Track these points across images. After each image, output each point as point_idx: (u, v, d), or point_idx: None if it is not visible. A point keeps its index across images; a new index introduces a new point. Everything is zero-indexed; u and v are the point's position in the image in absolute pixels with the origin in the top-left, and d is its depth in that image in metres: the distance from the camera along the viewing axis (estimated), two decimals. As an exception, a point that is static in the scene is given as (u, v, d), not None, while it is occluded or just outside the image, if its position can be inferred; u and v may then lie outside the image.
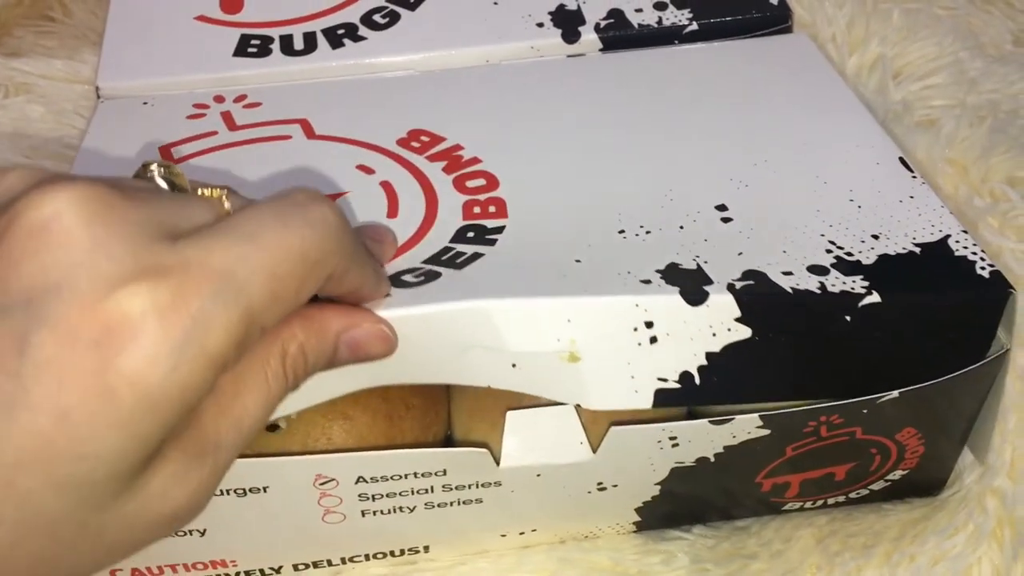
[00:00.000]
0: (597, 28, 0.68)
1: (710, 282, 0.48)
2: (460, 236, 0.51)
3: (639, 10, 0.69)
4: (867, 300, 0.48)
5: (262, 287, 0.34)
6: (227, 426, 0.36)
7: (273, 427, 0.53)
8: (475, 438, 0.56)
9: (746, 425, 0.50)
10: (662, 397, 0.47)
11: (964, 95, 0.76)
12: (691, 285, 0.47)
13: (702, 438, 0.51)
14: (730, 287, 0.47)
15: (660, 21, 0.68)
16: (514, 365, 0.47)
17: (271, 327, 0.36)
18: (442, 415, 0.58)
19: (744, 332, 0.47)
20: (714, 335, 0.47)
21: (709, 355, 0.47)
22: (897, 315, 0.48)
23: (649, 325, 0.46)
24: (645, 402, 0.47)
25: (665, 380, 0.47)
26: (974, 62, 0.79)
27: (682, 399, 0.48)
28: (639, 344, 0.46)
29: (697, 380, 0.47)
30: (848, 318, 0.47)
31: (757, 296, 0.47)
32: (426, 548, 0.55)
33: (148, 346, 0.31)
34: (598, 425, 0.53)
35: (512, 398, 0.55)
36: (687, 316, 0.46)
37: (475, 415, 0.56)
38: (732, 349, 0.47)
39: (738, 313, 0.47)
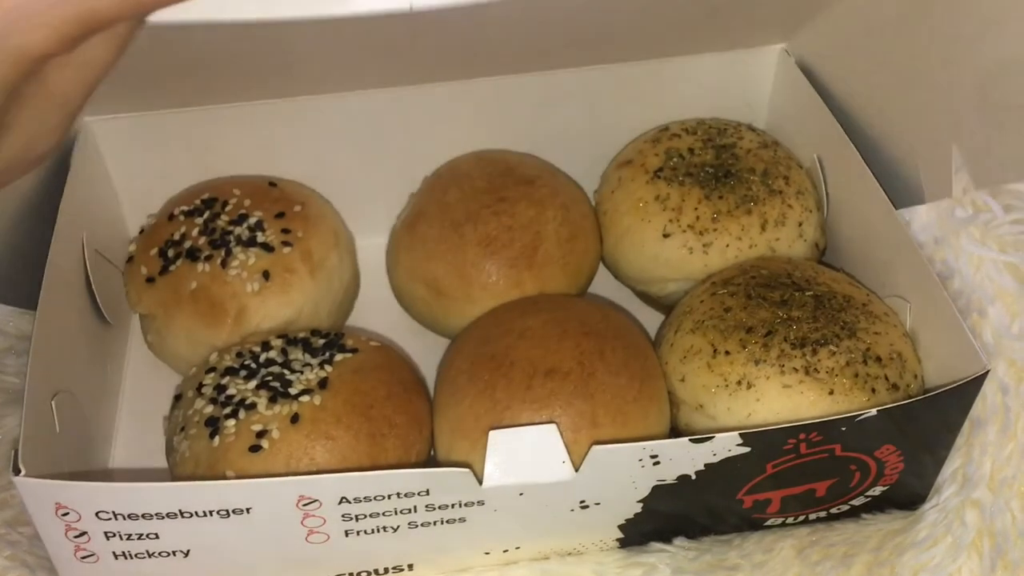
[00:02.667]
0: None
1: None
2: None
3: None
4: None
5: None
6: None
7: (255, 448, 0.53)
8: (456, 457, 0.56)
9: (726, 443, 0.50)
10: None
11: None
12: None
13: (683, 456, 0.51)
14: None
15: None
16: None
17: None
18: (425, 433, 0.58)
19: None
20: None
21: None
22: None
23: None
24: None
25: None
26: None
27: None
28: None
29: None
30: None
31: None
32: (410, 566, 0.55)
33: None
34: (580, 445, 0.53)
35: (493, 415, 0.55)
36: None
37: (456, 433, 0.56)
38: None
39: None
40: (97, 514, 0.49)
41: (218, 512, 0.49)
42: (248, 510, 0.49)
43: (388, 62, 0.70)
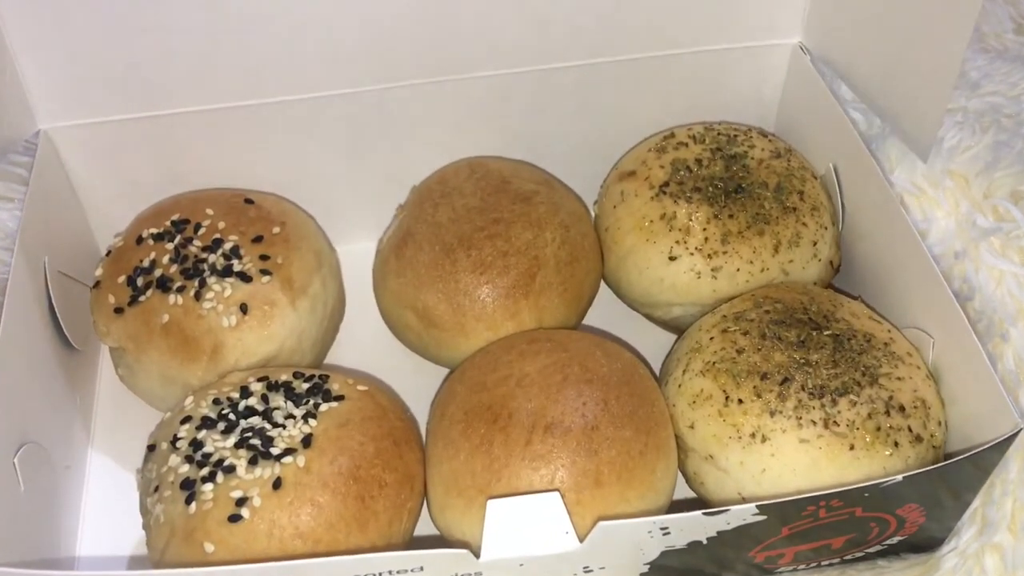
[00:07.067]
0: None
1: None
2: None
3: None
4: None
5: None
6: None
7: (235, 517, 0.49)
8: (451, 515, 0.52)
9: (742, 514, 0.47)
10: None
11: (966, 100, 0.72)
12: None
13: (695, 527, 0.48)
14: None
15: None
16: None
17: None
18: (417, 488, 0.54)
19: None
20: None
21: None
22: None
23: None
24: None
25: None
26: (975, 59, 0.75)
27: None
28: None
29: None
30: None
31: None
32: (402, 634, 0.52)
33: None
34: (583, 506, 0.50)
35: (490, 473, 0.51)
36: None
37: (451, 491, 0.52)
38: None
39: None
40: (65, 599, 0.45)
41: (196, 597, 0.46)
42: (228, 591, 0.46)
43: (370, 59, 0.65)
